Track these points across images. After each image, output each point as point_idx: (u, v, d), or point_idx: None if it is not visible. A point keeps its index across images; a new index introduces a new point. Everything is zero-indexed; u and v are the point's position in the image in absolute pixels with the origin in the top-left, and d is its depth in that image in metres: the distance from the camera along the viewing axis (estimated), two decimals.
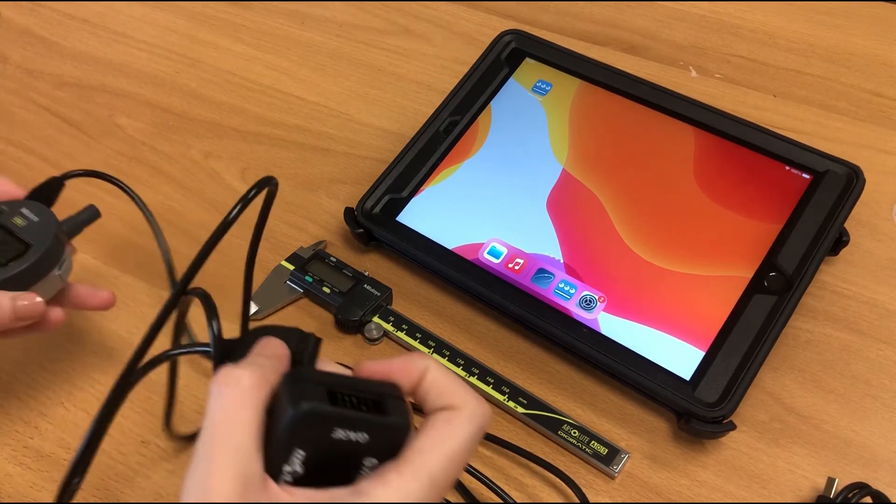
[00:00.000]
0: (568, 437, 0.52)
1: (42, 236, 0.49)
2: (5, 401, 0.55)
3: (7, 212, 0.50)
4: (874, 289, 0.59)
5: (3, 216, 0.49)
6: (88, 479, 0.51)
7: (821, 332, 0.57)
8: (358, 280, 0.60)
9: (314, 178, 0.69)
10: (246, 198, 0.38)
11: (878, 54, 0.75)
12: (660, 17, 0.80)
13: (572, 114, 0.64)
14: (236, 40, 0.81)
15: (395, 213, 0.62)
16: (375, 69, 0.77)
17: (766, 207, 0.57)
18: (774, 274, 0.55)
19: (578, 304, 0.56)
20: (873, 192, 0.62)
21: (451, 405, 0.35)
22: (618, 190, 0.60)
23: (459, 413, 0.35)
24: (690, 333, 0.54)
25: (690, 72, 0.75)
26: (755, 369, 0.51)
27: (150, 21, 0.83)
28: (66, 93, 0.77)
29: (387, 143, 0.70)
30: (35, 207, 0.51)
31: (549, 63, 0.67)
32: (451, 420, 0.34)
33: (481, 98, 0.66)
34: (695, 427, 0.51)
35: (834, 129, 0.69)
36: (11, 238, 0.49)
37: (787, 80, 0.74)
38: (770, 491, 0.50)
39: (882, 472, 0.51)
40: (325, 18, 0.82)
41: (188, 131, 0.73)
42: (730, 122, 0.61)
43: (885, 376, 0.55)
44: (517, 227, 0.60)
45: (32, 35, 0.82)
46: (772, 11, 0.80)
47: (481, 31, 0.80)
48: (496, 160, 0.63)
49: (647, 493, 0.51)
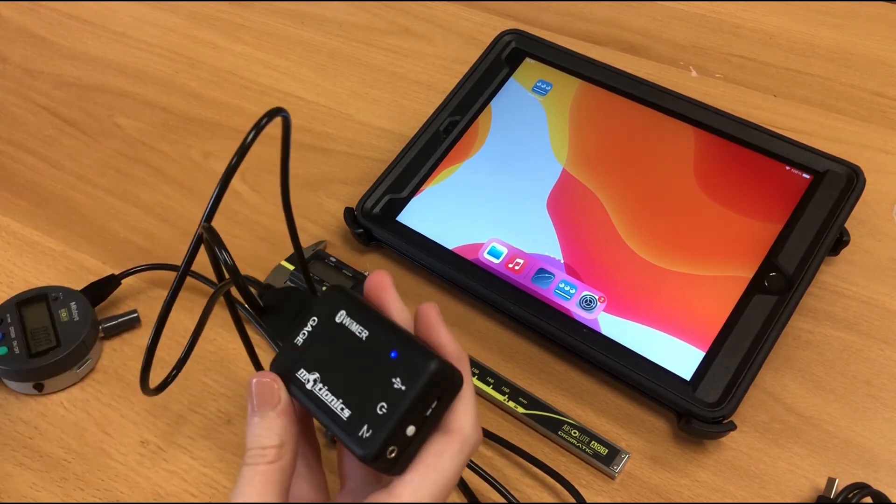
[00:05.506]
0: (568, 438, 0.52)
1: (73, 337, 0.54)
2: (5, 401, 0.55)
3: (61, 300, 0.56)
4: (874, 289, 0.59)
5: (55, 304, 0.56)
6: (88, 478, 0.52)
7: (821, 332, 0.57)
8: (358, 280, 0.60)
9: (314, 178, 0.68)
10: (259, 125, 0.39)
11: (879, 54, 0.75)
12: (660, 17, 0.80)
13: (572, 114, 0.64)
14: (236, 40, 0.81)
15: (395, 213, 0.62)
16: (375, 69, 0.77)
17: (767, 207, 0.57)
18: (775, 274, 0.55)
19: (578, 304, 0.56)
20: (873, 192, 0.62)
21: (447, 426, 0.36)
22: (618, 190, 0.60)
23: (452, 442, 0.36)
24: (691, 333, 0.53)
25: (690, 72, 0.75)
26: (755, 369, 0.51)
27: (149, 21, 0.83)
28: (65, 93, 0.77)
29: (387, 143, 0.70)
30: (83, 304, 0.56)
31: (549, 63, 0.67)
32: (441, 453, 0.36)
33: (481, 98, 0.66)
34: (695, 427, 0.50)
35: (834, 129, 0.69)
36: (50, 331, 0.55)
37: (787, 80, 0.74)
38: (770, 491, 0.50)
39: (882, 472, 0.51)
40: (325, 18, 0.82)
41: (188, 131, 0.73)
42: (730, 122, 0.61)
43: (885, 376, 0.55)
44: (517, 227, 0.60)
45: (32, 35, 0.82)
46: (772, 11, 0.80)
47: (481, 31, 0.80)
48: (496, 160, 0.63)
49: (647, 493, 0.51)
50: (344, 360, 0.37)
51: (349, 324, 0.38)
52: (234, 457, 0.52)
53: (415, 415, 0.35)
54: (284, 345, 0.39)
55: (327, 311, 0.39)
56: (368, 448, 0.34)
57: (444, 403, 0.36)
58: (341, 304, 0.38)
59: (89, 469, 0.52)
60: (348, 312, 0.38)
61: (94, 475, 0.52)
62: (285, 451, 0.37)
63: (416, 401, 0.35)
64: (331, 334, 0.38)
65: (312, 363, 0.38)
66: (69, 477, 0.52)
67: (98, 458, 0.53)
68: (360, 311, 0.38)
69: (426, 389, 0.35)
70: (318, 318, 0.39)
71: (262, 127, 0.39)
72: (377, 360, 0.36)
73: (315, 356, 0.38)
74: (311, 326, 0.39)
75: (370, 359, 0.36)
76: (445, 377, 0.36)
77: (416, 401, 0.35)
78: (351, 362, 0.37)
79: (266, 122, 0.40)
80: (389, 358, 0.36)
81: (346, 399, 0.36)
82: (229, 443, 0.53)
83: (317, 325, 0.39)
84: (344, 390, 0.36)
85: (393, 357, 0.36)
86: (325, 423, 0.37)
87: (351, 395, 0.36)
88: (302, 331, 0.39)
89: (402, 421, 0.35)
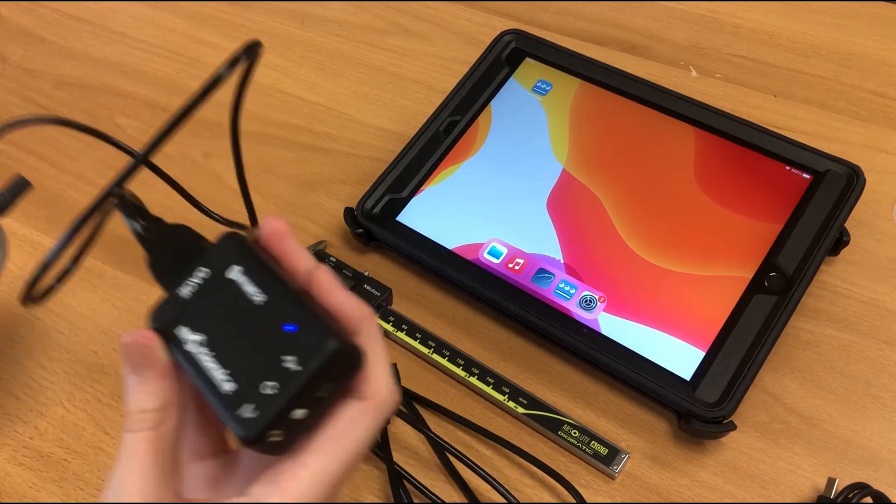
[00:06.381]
0: (568, 438, 0.52)
1: None
2: (5, 401, 0.55)
3: None
4: (874, 289, 0.59)
5: None
6: (88, 478, 0.51)
7: (821, 332, 0.57)
8: (358, 280, 0.60)
9: (314, 178, 0.68)
10: (235, 58, 0.37)
11: (879, 54, 0.75)
12: (660, 17, 0.80)
13: (572, 114, 0.64)
14: (236, 40, 0.81)
15: (395, 213, 0.62)
16: (375, 69, 0.77)
17: (767, 207, 0.57)
18: (775, 274, 0.55)
19: (578, 304, 0.56)
20: (873, 192, 0.62)
21: (361, 393, 0.34)
22: (618, 190, 0.60)
23: (368, 409, 0.33)
24: (691, 333, 0.53)
25: (690, 72, 0.75)
26: (755, 369, 0.51)
27: (150, 21, 0.83)
28: (66, 93, 0.77)
29: (387, 143, 0.70)
30: None
31: (549, 63, 0.67)
32: (355, 419, 0.33)
33: (481, 98, 0.66)
34: (695, 427, 0.50)
35: (834, 129, 0.69)
36: None
37: (787, 79, 0.74)
38: (770, 491, 0.50)
39: (882, 472, 0.51)
40: (325, 18, 0.82)
41: (188, 131, 0.72)
42: (730, 122, 0.61)
43: (885, 376, 0.55)
44: (517, 227, 0.60)
45: (32, 35, 0.82)
46: (772, 11, 0.80)
47: (481, 31, 0.80)
48: (496, 160, 0.63)
49: (647, 493, 0.51)
50: (233, 325, 0.33)
51: (243, 283, 0.33)
52: None
53: (306, 398, 0.31)
54: (167, 294, 0.35)
55: (219, 263, 0.34)
56: (248, 430, 0.31)
57: (341, 385, 0.33)
58: (237, 258, 0.34)
59: (89, 469, 0.52)
60: (244, 269, 0.34)
61: (94, 475, 0.52)
62: (169, 414, 0.34)
63: (309, 383, 0.31)
64: (221, 292, 0.34)
65: (197, 322, 0.34)
66: (69, 477, 0.52)
67: (98, 458, 0.53)
68: (257, 269, 0.34)
69: (321, 372, 0.31)
70: (209, 270, 0.34)
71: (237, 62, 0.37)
72: (271, 331, 0.32)
73: (201, 314, 0.34)
74: (199, 279, 0.34)
75: (263, 329, 0.32)
76: (344, 359, 0.32)
77: (308, 383, 0.31)
78: (241, 329, 0.33)
79: (243, 57, 0.36)
80: (284, 331, 0.32)
81: (232, 370, 0.32)
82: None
83: (206, 279, 0.34)
84: (230, 360, 0.32)
85: (288, 331, 0.32)
86: (203, 391, 0.33)
87: (237, 366, 0.32)
88: (188, 281, 0.34)
89: (290, 404, 0.31)
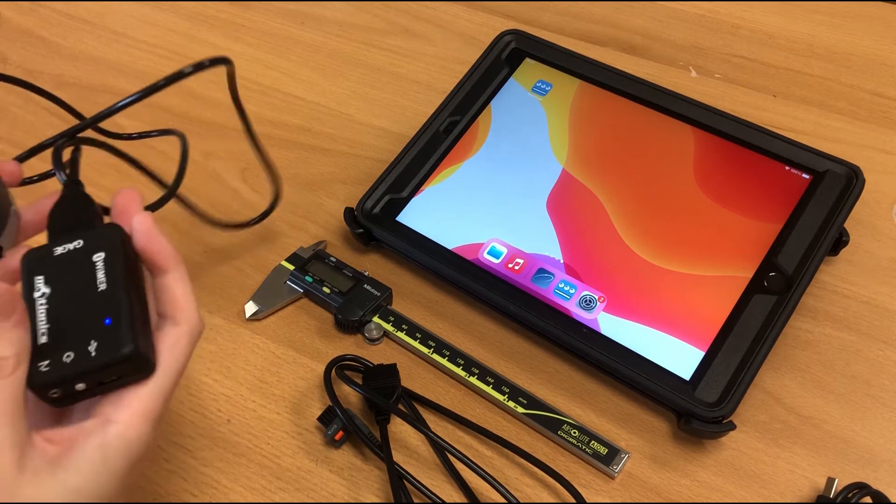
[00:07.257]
0: (568, 437, 0.52)
1: None
2: None
3: None
4: (874, 289, 0.59)
5: None
6: None
7: (821, 332, 0.57)
8: (358, 280, 0.60)
9: (314, 178, 0.69)
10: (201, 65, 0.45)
11: (879, 54, 0.75)
12: (660, 17, 0.80)
13: (572, 114, 0.64)
14: (236, 40, 0.81)
15: (395, 213, 0.62)
16: (375, 69, 0.77)
17: (766, 207, 0.57)
18: (774, 274, 0.55)
19: (578, 304, 0.56)
20: (873, 192, 0.62)
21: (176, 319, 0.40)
22: (618, 190, 0.60)
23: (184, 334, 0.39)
24: (690, 333, 0.54)
25: (690, 72, 0.75)
26: (755, 369, 0.51)
27: (150, 21, 0.83)
28: (65, 93, 0.77)
29: (387, 143, 0.70)
30: None
31: (549, 63, 0.67)
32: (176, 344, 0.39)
33: (481, 98, 0.66)
34: (695, 427, 0.51)
35: (834, 129, 0.69)
36: None
37: (787, 80, 0.74)
38: (770, 491, 0.50)
39: (882, 472, 0.51)
40: (325, 18, 0.82)
41: (188, 131, 0.73)
42: (730, 122, 0.61)
43: (885, 376, 0.55)
44: (517, 227, 0.60)
45: (32, 35, 0.82)
46: (772, 11, 0.80)
47: (481, 31, 0.80)
48: (496, 160, 0.63)
49: (647, 493, 0.51)
50: (74, 296, 0.38)
51: (99, 269, 0.39)
52: (235, 456, 0.52)
53: (90, 379, 0.37)
54: (45, 245, 0.40)
55: (92, 244, 0.39)
56: (32, 380, 0.36)
57: (126, 381, 0.38)
58: (106, 247, 0.39)
59: None
60: (105, 258, 0.39)
61: None
62: (21, 359, 0.37)
63: (95, 371, 0.37)
64: (81, 266, 0.39)
65: (52, 279, 0.39)
66: None
67: None
68: (114, 263, 0.39)
69: (108, 367, 0.37)
70: (83, 245, 0.39)
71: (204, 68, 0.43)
72: (94, 316, 0.38)
73: (58, 275, 0.39)
74: (73, 247, 0.39)
75: (91, 311, 0.38)
76: (134, 364, 0.37)
77: (94, 370, 0.37)
78: (77, 302, 0.38)
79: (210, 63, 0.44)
80: (102, 322, 0.37)
81: (51, 328, 0.37)
82: (229, 442, 0.53)
83: (77, 250, 0.39)
84: (56, 320, 0.38)
85: (105, 323, 0.37)
86: None
87: (57, 328, 0.37)
88: (65, 245, 0.39)
89: (74, 377, 0.37)
